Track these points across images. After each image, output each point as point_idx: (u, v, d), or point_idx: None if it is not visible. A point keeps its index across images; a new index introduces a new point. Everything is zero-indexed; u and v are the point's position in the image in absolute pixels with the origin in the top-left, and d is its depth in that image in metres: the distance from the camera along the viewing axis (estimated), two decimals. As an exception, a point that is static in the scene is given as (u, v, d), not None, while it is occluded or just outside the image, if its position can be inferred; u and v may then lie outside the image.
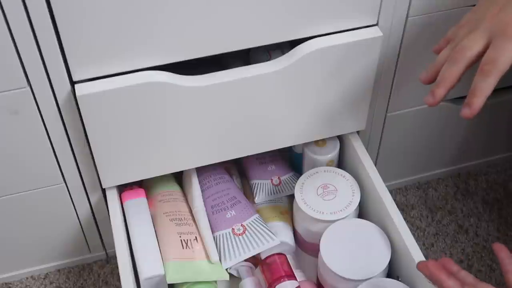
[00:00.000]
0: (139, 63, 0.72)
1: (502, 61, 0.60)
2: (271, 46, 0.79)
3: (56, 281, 0.97)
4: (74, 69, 0.70)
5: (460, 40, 0.64)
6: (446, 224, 1.02)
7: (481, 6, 0.65)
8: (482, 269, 0.97)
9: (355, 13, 0.75)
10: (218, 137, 0.81)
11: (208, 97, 0.76)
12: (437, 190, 1.07)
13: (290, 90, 0.79)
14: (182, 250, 0.79)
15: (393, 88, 0.88)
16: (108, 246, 0.97)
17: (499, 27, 0.61)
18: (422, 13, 0.80)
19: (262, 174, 0.92)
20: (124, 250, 0.76)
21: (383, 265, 0.76)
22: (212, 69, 0.76)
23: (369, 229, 0.79)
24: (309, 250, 0.86)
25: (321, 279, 0.79)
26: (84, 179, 0.84)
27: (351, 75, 0.80)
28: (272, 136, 0.84)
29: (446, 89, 0.63)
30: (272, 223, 0.87)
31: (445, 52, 0.65)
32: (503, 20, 0.61)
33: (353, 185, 0.84)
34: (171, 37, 0.71)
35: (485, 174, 1.09)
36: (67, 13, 0.65)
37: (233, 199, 0.86)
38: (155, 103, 0.74)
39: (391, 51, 0.83)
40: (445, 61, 0.64)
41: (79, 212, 0.89)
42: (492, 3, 0.64)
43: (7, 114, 0.73)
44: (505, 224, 1.02)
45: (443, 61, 0.64)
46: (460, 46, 0.63)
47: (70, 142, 0.79)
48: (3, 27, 0.65)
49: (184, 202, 0.87)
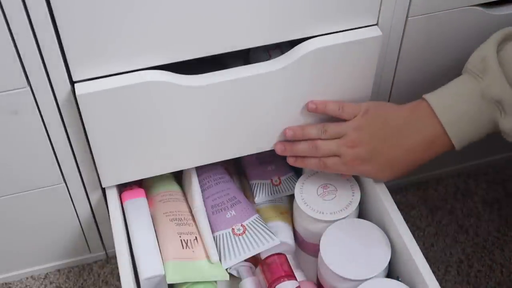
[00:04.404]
0: (139, 63, 0.72)
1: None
2: (271, 46, 0.79)
3: (56, 281, 0.97)
4: (74, 69, 0.70)
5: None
6: (446, 224, 1.02)
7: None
8: (482, 269, 0.97)
9: (355, 13, 0.75)
10: (218, 137, 0.81)
11: (208, 97, 0.76)
12: (437, 190, 1.07)
13: (289, 89, 0.79)
14: (182, 250, 0.79)
15: (393, 88, 0.88)
16: (108, 246, 0.97)
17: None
18: (422, 13, 0.80)
19: (262, 174, 0.92)
20: (124, 250, 0.76)
21: (383, 265, 0.75)
22: (212, 69, 0.76)
23: (369, 229, 0.79)
24: (309, 250, 0.86)
25: (321, 279, 0.79)
26: (84, 179, 0.84)
27: (350, 75, 0.80)
28: (272, 136, 0.84)
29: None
30: (272, 223, 0.87)
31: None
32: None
33: (353, 185, 0.84)
34: (171, 37, 0.71)
35: (485, 174, 1.09)
36: (67, 13, 0.65)
37: (233, 199, 0.86)
38: (155, 102, 0.74)
39: (391, 51, 0.83)
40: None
41: (79, 212, 0.89)
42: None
43: (7, 114, 0.73)
44: (505, 224, 1.02)
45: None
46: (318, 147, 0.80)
47: (70, 142, 0.79)
48: (3, 27, 0.65)
49: (184, 202, 0.87)
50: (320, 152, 0.79)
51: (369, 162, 0.77)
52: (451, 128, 0.72)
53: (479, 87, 0.71)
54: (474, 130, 0.73)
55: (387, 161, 0.76)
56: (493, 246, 0.99)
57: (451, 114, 0.72)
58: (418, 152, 0.76)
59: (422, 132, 0.74)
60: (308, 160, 0.81)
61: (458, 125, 0.72)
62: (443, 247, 0.99)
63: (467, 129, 0.72)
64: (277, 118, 0.82)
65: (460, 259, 0.98)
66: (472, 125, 0.72)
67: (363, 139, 0.77)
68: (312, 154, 0.80)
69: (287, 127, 0.82)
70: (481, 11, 0.82)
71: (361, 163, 0.77)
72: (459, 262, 0.97)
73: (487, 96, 0.70)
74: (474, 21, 0.82)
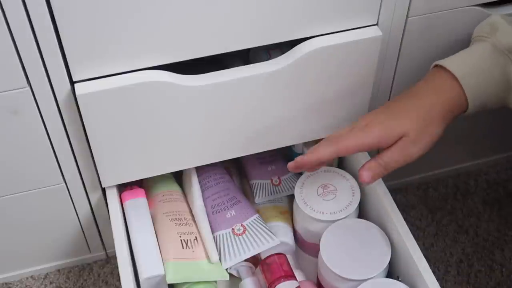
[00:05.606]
0: (139, 63, 0.72)
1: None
2: (271, 46, 0.79)
3: (56, 281, 0.97)
4: (74, 69, 0.70)
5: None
6: (446, 224, 1.02)
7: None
8: (482, 269, 0.97)
9: (355, 13, 0.75)
10: (218, 137, 0.81)
11: (208, 97, 0.76)
12: (437, 190, 1.07)
13: (289, 89, 0.79)
14: (182, 250, 0.79)
15: (393, 88, 0.88)
16: (108, 246, 0.97)
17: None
18: (422, 13, 0.80)
19: (262, 174, 0.92)
20: (124, 250, 0.76)
21: (383, 265, 0.75)
22: (212, 69, 0.76)
23: (369, 229, 0.79)
24: (309, 250, 0.86)
25: (321, 279, 0.79)
26: (84, 179, 0.84)
27: (350, 75, 0.80)
28: (272, 136, 0.84)
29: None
30: (272, 223, 0.87)
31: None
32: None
33: (353, 185, 0.84)
34: (171, 37, 0.71)
35: (485, 174, 1.09)
36: (67, 13, 0.65)
37: (233, 199, 0.86)
38: (155, 102, 0.74)
39: (391, 51, 0.83)
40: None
41: (79, 212, 0.89)
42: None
43: (7, 114, 0.73)
44: (505, 224, 1.02)
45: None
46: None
47: (70, 142, 0.79)
48: (3, 27, 0.65)
49: (184, 202, 0.87)
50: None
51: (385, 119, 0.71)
52: (464, 80, 0.71)
53: (489, 43, 0.72)
54: (486, 84, 0.71)
55: (402, 112, 0.71)
56: (493, 246, 0.99)
57: (463, 67, 0.71)
58: (437, 106, 0.71)
59: (437, 88, 0.72)
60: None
61: (470, 77, 0.71)
62: (443, 247, 0.99)
63: (480, 81, 0.71)
64: (277, 118, 0.82)
65: (460, 259, 0.98)
66: (485, 79, 0.71)
67: (372, 111, 0.74)
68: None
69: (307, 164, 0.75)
70: (481, 11, 0.82)
71: (377, 123, 0.71)
72: (459, 262, 0.97)
73: (498, 48, 0.70)
74: (474, 21, 0.81)
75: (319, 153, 0.73)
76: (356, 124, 0.73)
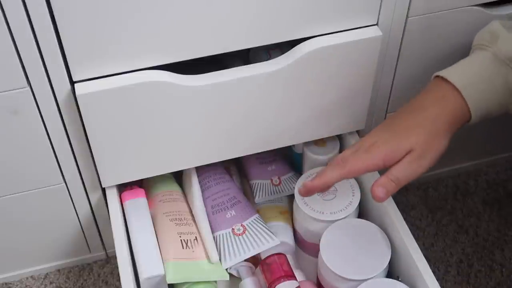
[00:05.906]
0: (139, 63, 0.72)
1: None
2: (271, 46, 0.79)
3: (56, 281, 0.97)
4: (74, 69, 0.70)
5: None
6: (446, 224, 1.02)
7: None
8: (482, 269, 0.97)
9: (355, 13, 0.75)
10: (218, 137, 0.81)
11: (208, 97, 0.76)
12: (437, 190, 1.07)
13: (289, 89, 0.79)
14: (182, 250, 0.79)
15: (393, 88, 0.88)
16: (108, 246, 0.97)
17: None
18: (422, 13, 0.80)
19: (262, 174, 0.92)
20: (124, 250, 0.76)
21: (383, 265, 0.75)
22: (212, 69, 0.76)
23: (369, 229, 0.79)
24: (309, 250, 0.86)
25: (321, 279, 0.79)
26: (84, 179, 0.84)
27: (350, 75, 0.80)
28: (272, 136, 0.84)
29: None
30: (272, 223, 0.87)
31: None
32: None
33: (353, 185, 0.84)
34: (170, 37, 0.71)
35: (485, 174, 1.09)
36: (67, 13, 0.65)
37: (233, 199, 0.86)
38: (155, 102, 0.74)
39: (391, 51, 0.83)
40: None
41: (79, 212, 0.89)
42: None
43: (7, 114, 0.73)
44: (505, 224, 1.02)
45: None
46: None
47: (70, 142, 0.79)
48: (3, 27, 0.65)
49: (184, 202, 0.87)
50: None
51: (389, 138, 0.71)
52: (465, 91, 0.70)
53: (490, 52, 0.71)
54: (488, 93, 0.71)
55: (406, 129, 0.71)
56: (493, 246, 0.99)
57: (464, 77, 0.71)
58: (442, 117, 0.71)
59: (439, 100, 0.71)
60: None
61: (471, 88, 0.70)
62: (443, 247, 0.99)
63: (482, 91, 0.71)
64: (277, 118, 0.82)
65: (460, 259, 0.98)
66: (486, 89, 0.71)
67: (375, 129, 0.73)
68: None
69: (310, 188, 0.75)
70: (481, 11, 0.82)
71: (382, 143, 0.71)
72: (459, 262, 0.97)
73: (499, 57, 0.70)
74: (474, 21, 0.82)
75: (326, 177, 0.73)
76: (361, 144, 0.72)
